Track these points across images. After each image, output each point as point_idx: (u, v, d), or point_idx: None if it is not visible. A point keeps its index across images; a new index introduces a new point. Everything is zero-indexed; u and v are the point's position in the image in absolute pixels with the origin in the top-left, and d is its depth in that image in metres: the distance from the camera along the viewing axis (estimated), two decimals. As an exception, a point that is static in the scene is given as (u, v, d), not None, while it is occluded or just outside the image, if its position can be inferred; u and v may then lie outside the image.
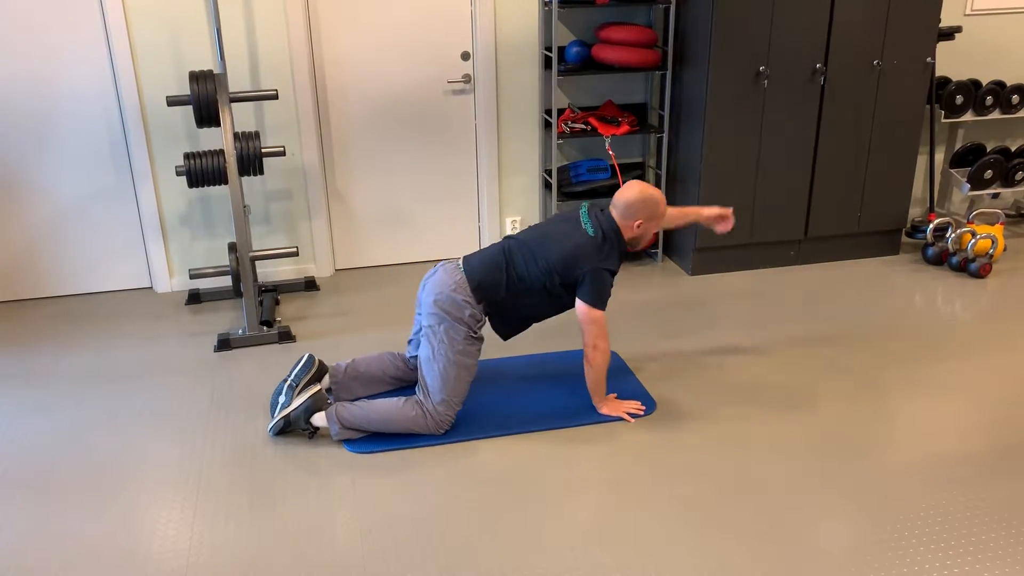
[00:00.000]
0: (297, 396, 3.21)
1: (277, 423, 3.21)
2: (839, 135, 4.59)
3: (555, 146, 4.59)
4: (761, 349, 3.89)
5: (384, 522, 2.78)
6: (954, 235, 4.75)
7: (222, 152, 3.92)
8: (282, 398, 3.23)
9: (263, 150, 3.99)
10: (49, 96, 4.20)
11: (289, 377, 3.27)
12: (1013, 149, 5.22)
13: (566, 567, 2.58)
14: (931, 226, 4.87)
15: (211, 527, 2.78)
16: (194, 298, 4.48)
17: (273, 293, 4.48)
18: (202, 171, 3.89)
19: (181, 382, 3.67)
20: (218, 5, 4.08)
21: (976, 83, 5.08)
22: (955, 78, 5.13)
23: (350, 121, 4.58)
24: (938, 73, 5.09)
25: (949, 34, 4.83)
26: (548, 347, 3.92)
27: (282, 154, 4.06)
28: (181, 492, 2.95)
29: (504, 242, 3.30)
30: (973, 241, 4.69)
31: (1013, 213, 5.49)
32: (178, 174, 3.91)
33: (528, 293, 3.23)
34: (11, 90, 4.15)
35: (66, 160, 4.32)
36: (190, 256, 4.60)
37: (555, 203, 4.71)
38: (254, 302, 4.00)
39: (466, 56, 4.60)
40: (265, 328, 4.05)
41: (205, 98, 3.84)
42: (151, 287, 4.65)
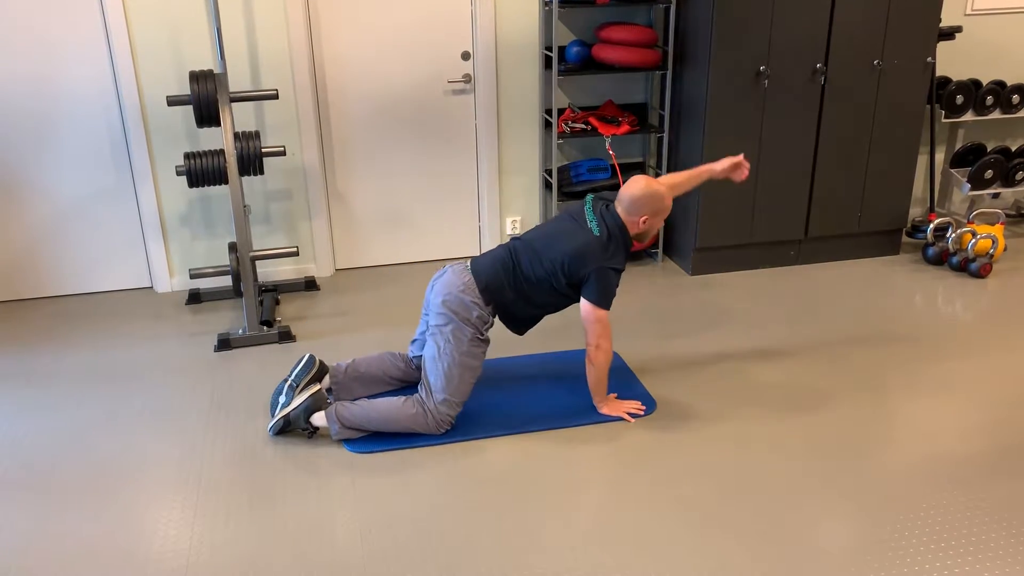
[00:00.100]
0: (297, 396, 3.21)
1: (277, 423, 3.21)
2: (839, 135, 4.59)
3: (555, 146, 4.59)
4: (761, 349, 3.89)
5: (384, 522, 2.78)
6: (954, 235, 4.74)
7: (222, 152, 3.92)
8: (282, 398, 3.23)
9: (263, 150, 3.99)
10: (49, 96, 4.20)
11: (289, 377, 3.27)
12: (1013, 149, 5.21)
13: (566, 567, 2.58)
14: (931, 226, 4.87)
15: (211, 527, 2.78)
16: (194, 298, 4.48)
17: (273, 293, 4.48)
18: (202, 171, 3.89)
19: (181, 382, 3.67)
20: (218, 5, 4.08)
21: (976, 83, 5.08)
22: (955, 78, 5.13)
23: (350, 121, 4.58)
24: (938, 73, 5.09)
25: (949, 34, 4.83)
26: (548, 347, 3.92)
27: (282, 154, 4.06)
28: (181, 492, 2.95)
29: (510, 243, 3.31)
30: (973, 241, 4.69)
31: (1013, 213, 5.49)
32: (178, 174, 3.90)
33: (535, 293, 3.23)
34: (11, 90, 4.15)
35: (66, 160, 4.32)
36: (190, 256, 4.60)
37: (555, 203, 4.71)
38: (254, 302, 4.00)
39: (466, 56, 4.60)
40: (265, 328, 4.05)
41: (205, 98, 3.84)
42: (151, 287, 4.65)
